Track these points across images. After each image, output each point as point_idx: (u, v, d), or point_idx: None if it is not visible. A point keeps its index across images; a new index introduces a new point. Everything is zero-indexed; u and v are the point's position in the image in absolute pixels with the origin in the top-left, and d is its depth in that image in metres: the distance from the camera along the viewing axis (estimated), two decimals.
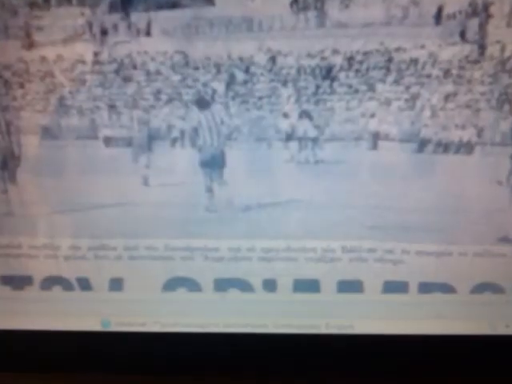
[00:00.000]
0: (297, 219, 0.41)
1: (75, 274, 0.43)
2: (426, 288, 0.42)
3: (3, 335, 0.44)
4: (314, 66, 0.39)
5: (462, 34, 0.38)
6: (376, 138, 0.40)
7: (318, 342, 0.43)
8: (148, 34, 0.38)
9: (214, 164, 0.41)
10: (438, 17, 0.37)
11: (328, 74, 0.39)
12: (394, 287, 0.42)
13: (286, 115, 0.40)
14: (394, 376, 0.43)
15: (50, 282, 0.43)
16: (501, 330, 0.43)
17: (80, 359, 0.44)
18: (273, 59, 0.39)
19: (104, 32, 0.38)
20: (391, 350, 0.43)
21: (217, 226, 0.42)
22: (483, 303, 0.42)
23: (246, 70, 0.39)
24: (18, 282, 0.44)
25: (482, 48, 0.38)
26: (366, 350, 0.43)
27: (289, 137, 0.41)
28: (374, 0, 0.37)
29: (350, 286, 0.43)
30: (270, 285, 0.43)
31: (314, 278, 0.43)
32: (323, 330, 0.43)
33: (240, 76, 0.39)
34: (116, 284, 0.43)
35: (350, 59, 0.38)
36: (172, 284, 0.43)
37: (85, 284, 0.43)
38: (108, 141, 0.41)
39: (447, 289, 0.42)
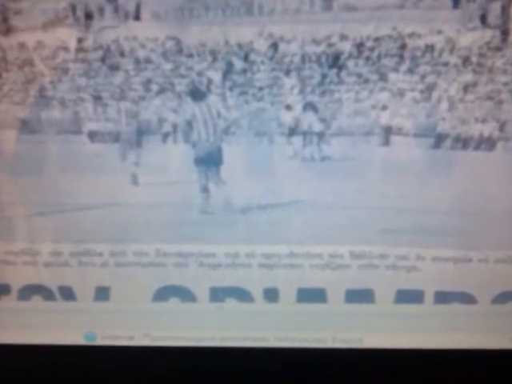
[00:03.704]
0: (301, 222, 0.41)
1: (57, 282, 0.42)
2: (442, 298, 0.42)
3: None
4: (319, 53, 0.38)
5: (483, 18, 0.37)
6: (388, 132, 0.40)
7: (324, 357, 0.42)
8: (137, 17, 0.38)
9: (209, 161, 0.40)
10: None
11: (335, 62, 0.38)
12: (407, 297, 0.42)
13: (288, 107, 0.40)
14: None
15: (29, 291, 0.43)
16: None
17: (62, 375, 0.43)
18: (274, 46, 0.38)
19: (89, 16, 0.38)
20: (404, 365, 0.42)
21: (213, 230, 0.41)
22: (505, 314, 0.41)
23: (245, 58, 0.38)
24: None
25: (505, 33, 0.37)
26: (376, 365, 0.42)
27: (292, 131, 0.40)
28: None
29: (360, 296, 0.42)
30: (271, 294, 0.42)
31: (319, 286, 0.42)
32: (330, 344, 0.42)
33: (238, 64, 0.38)
34: (102, 293, 0.42)
35: (360, 46, 0.38)
36: (163, 293, 0.42)
37: (67, 293, 0.43)
38: (93, 136, 0.41)
39: (466, 298, 0.42)
